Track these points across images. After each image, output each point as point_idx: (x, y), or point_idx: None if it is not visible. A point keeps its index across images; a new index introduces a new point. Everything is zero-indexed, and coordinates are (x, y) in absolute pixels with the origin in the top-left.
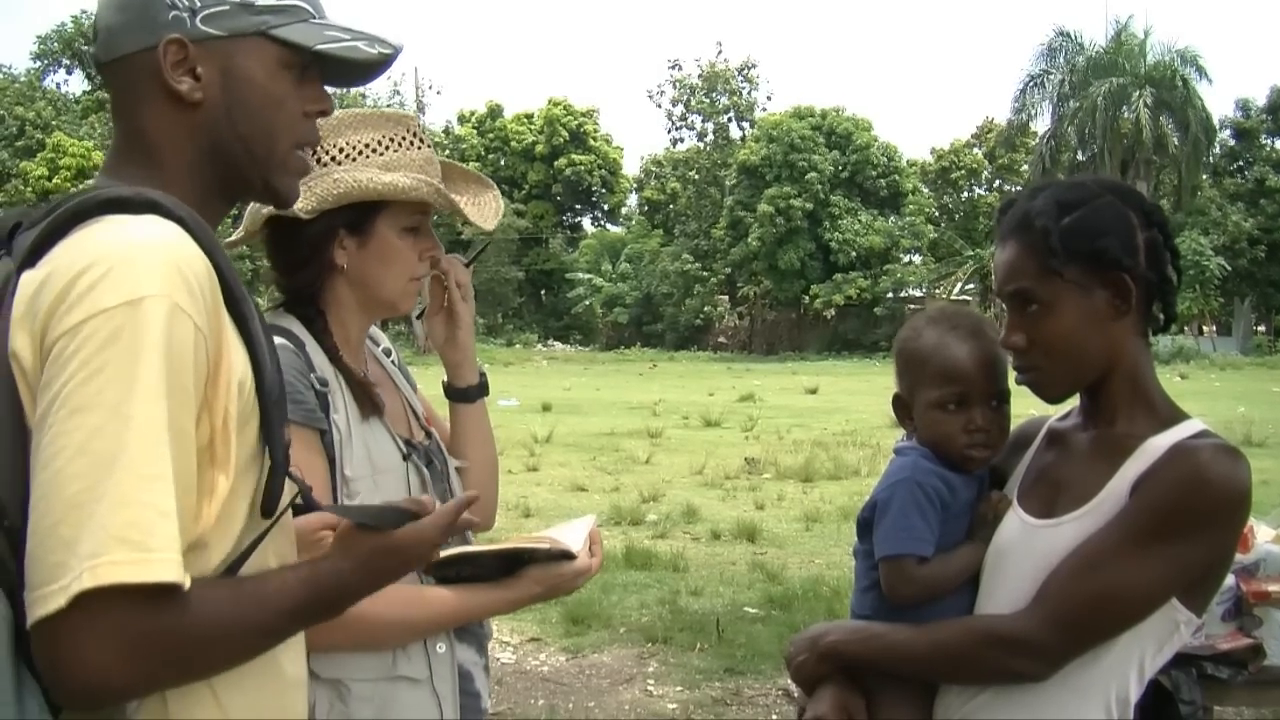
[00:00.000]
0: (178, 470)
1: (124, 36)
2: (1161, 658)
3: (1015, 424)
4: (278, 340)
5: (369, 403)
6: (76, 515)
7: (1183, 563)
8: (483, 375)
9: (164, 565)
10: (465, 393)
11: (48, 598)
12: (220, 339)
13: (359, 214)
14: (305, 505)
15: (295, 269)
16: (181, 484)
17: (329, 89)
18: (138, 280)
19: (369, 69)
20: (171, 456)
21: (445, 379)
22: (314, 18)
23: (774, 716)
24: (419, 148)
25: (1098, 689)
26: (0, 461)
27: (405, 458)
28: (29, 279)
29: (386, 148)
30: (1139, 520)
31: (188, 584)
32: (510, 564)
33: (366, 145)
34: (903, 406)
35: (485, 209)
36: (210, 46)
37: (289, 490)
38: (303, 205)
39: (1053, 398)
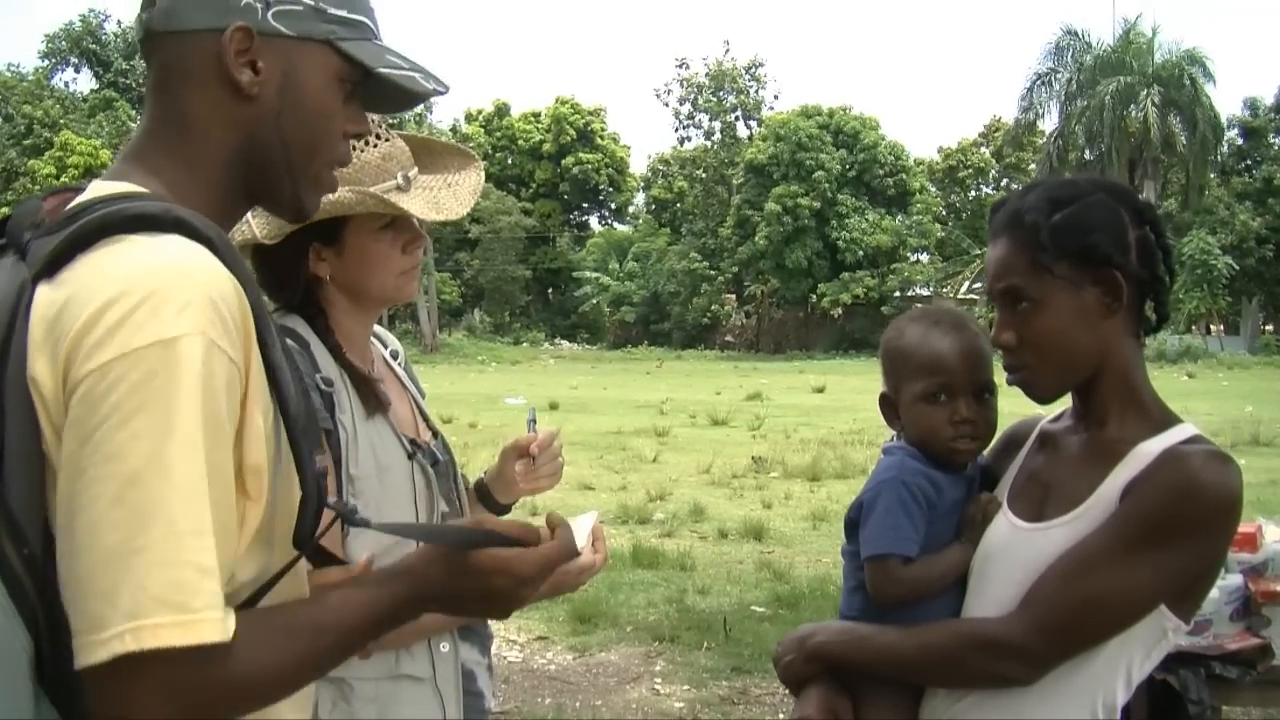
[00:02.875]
0: (218, 516)
1: (189, 11)
2: (1149, 664)
3: (1008, 424)
4: None
5: (373, 399)
6: (116, 567)
7: (1172, 570)
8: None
9: (207, 626)
10: (497, 508)
11: (91, 647)
12: (250, 368)
13: (326, 227)
14: (353, 524)
15: (277, 288)
16: (223, 526)
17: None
18: (171, 317)
19: (410, 101)
20: (211, 506)
21: (488, 479)
22: (376, 39)
23: (781, 716)
24: (375, 145)
25: (1085, 693)
26: (19, 489)
27: (410, 456)
28: (47, 297)
29: None
30: (1128, 526)
31: (230, 637)
32: None
33: None
34: (889, 405)
35: (461, 189)
36: (276, 43)
37: (325, 518)
38: (265, 232)
39: (1043, 397)
